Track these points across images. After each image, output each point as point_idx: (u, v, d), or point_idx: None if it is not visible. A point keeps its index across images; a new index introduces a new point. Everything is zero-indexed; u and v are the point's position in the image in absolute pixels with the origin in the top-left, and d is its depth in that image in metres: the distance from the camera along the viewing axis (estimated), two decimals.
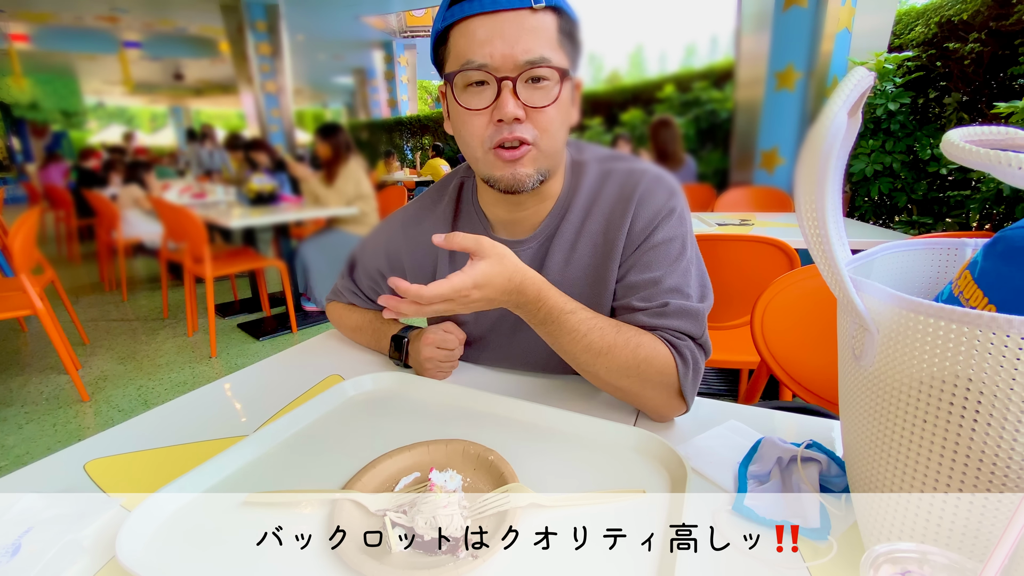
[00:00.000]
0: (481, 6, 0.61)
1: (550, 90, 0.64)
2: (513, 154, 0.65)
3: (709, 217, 2.51)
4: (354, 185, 3.19)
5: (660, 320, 0.68)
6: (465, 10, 0.61)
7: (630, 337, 0.65)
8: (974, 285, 0.42)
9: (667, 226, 0.70)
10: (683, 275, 0.69)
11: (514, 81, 0.62)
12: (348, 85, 8.36)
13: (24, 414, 2.29)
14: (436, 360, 0.79)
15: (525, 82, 0.62)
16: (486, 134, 0.65)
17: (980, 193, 2.52)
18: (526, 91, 0.63)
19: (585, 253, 0.74)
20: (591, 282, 0.74)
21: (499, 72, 0.62)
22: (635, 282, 0.70)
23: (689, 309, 0.68)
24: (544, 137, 0.65)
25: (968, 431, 0.34)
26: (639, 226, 0.70)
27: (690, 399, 0.67)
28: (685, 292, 0.69)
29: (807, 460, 0.54)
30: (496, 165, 0.67)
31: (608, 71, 4.13)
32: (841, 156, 0.39)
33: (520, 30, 0.61)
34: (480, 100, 0.64)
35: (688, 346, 0.67)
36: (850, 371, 0.43)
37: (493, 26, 0.61)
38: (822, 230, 0.37)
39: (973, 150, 0.36)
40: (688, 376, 0.66)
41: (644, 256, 0.70)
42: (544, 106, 0.63)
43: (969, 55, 2.63)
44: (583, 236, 0.74)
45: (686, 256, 0.70)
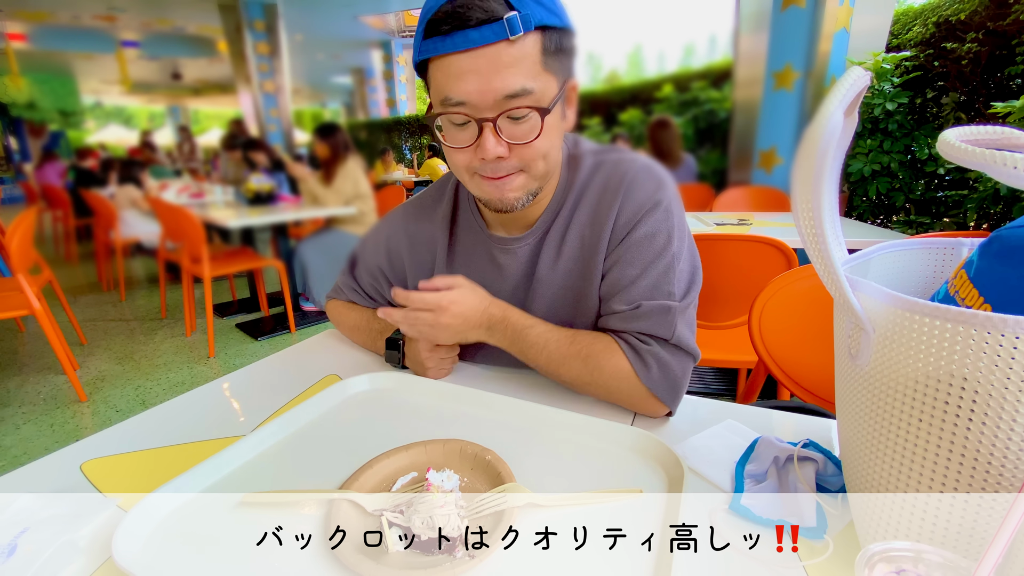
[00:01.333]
0: (453, 45, 0.57)
1: (534, 123, 0.61)
2: (500, 181, 0.65)
3: (707, 217, 2.51)
4: (352, 185, 3.18)
5: (629, 323, 0.69)
6: (438, 48, 0.58)
7: (583, 346, 0.69)
8: (970, 284, 0.42)
9: (651, 220, 0.69)
10: (664, 272, 0.68)
11: (494, 121, 0.60)
12: (347, 85, 8.35)
13: (22, 414, 2.29)
14: (437, 357, 0.79)
15: (508, 118, 0.60)
16: (472, 165, 0.65)
17: (977, 193, 2.52)
18: (508, 126, 0.61)
19: (574, 246, 0.74)
20: (580, 274, 0.74)
21: (478, 112, 0.60)
22: (615, 279, 0.70)
23: (662, 309, 0.67)
24: (533, 164, 0.65)
25: (963, 430, 0.34)
26: (623, 219, 0.70)
27: (666, 398, 0.67)
28: (665, 290, 0.68)
29: (804, 459, 0.54)
30: (484, 188, 0.67)
31: (607, 71, 4.13)
32: (837, 156, 0.39)
33: (496, 65, 0.57)
34: (463, 136, 0.63)
35: (652, 350, 0.67)
36: (846, 370, 0.43)
37: (469, 63, 0.58)
38: (818, 229, 0.37)
39: (969, 150, 0.36)
40: (653, 377, 0.66)
41: (627, 252, 0.69)
42: (527, 142, 0.62)
43: (967, 55, 2.63)
44: (572, 228, 0.73)
45: (670, 251, 0.69)
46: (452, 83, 0.59)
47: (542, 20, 0.58)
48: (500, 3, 0.56)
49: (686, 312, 0.69)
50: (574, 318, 0.76)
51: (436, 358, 0.79)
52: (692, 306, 0.71)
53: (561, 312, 0.76)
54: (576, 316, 0.76)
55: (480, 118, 0.60)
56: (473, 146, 0.63)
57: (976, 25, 2.62)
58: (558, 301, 0.76)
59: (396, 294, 0.74)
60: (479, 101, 0.59)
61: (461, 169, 0.67)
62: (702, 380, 2.24)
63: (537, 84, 0.60)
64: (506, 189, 0.66)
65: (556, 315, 0.76)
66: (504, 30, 0.56)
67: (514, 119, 0.61)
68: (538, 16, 0.58)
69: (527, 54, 0.58)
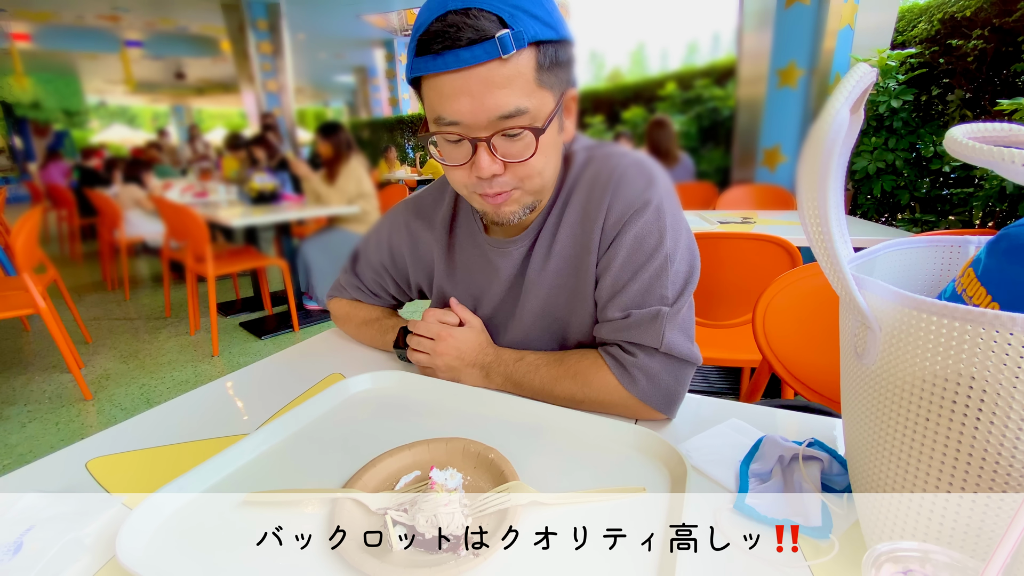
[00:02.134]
0: (445, 64, 0.55)
1: (529, 141, 0.60)
2: (496, 199, 0.65)
3: (710, 215, 2.51)
4: (355, 184, 3.19)
5: (618, 334, 0.69)
6: (430, 67, 0.57)
7: (571, 364, 0.71)
8: (977, 283, 0.41)
9: (641, 221, 0.66)
10: (656, 275, 0.67)
11: (488, 140, 0.59)
12: (349, 83, 8.36)
13: (27, 413, 2.30)
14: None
15: (502, 136, 0.59)
16: (468, 183, 0.65)
17: (983, 191, 2.50)
18: (503, 144, 0.60)
19: (565, 244, 0.72)
20: (573, 273, 0.73)
21: (471, 132, 0.59)
22: (607, 284, 0.69)
23: (650, 316, 0.66)
24: (528, 181, 0.64)
25: (971, 430, 0.34)
26: (612, 218, 0.68)
27: (660, 407, 0.66)
28: (657, 294, 0.67)
29: (809, 459, 0.54)
30: (480, 204, 0.67)
31: (609, 69, 4.12)
32: (843, 153, 0.39)
33: (489, 86, 0.56)
34: (458, 154, 0.62)
35: (638, 362, 0.66)
36: (852, 369, 0.43)
37: (461, 83, 0.56)
38: (824, 227, 0.37)
39: (977, 147, 0.36)
40: (642, 389, 0.66)
41: (618, 255, 0.68)
42: (523, 160, 0.61)
43: (972, 52, 2.62)
44: (563, 227, 0.72)
45: (662, 252, 0.66)
46: (445, 103, 0.58)
47: (536, 36, 0.56)
48: (492, 21, 0.54)
49: (678, 315, 0.67)
50: (569, 317, 0.75)
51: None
52: (687, 307, 0.69)
53: (555, 312, 0.76)
54: (571, 315, 0.75)
55: (474, 137, 0.59)
56: (468, 164, 0.62)
57: (982, 22, 2.60)
58: (551, 300, 0.75)
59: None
60: (472, 121, 0.58)
61: (459, 186, 0.67)
62: (705, 379, 2.23)
63: (532, 102, 0.58)
64: (502, 206, 0.66)
65: (551, 315, 0.76)
66: (496, 49, 0.54)
67: (509, 136, 0.60)
68: (532, 32, 0.56)
69: (520, 72, 0.57)
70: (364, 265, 0.92)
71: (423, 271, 0.86)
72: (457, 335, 0.76)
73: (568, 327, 0.76)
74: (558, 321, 0.76)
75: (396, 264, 0.88)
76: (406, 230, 0.86)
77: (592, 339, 0.75)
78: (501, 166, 0.61)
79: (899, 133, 2.86)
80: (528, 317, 0.77)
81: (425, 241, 0.84)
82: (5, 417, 2.27)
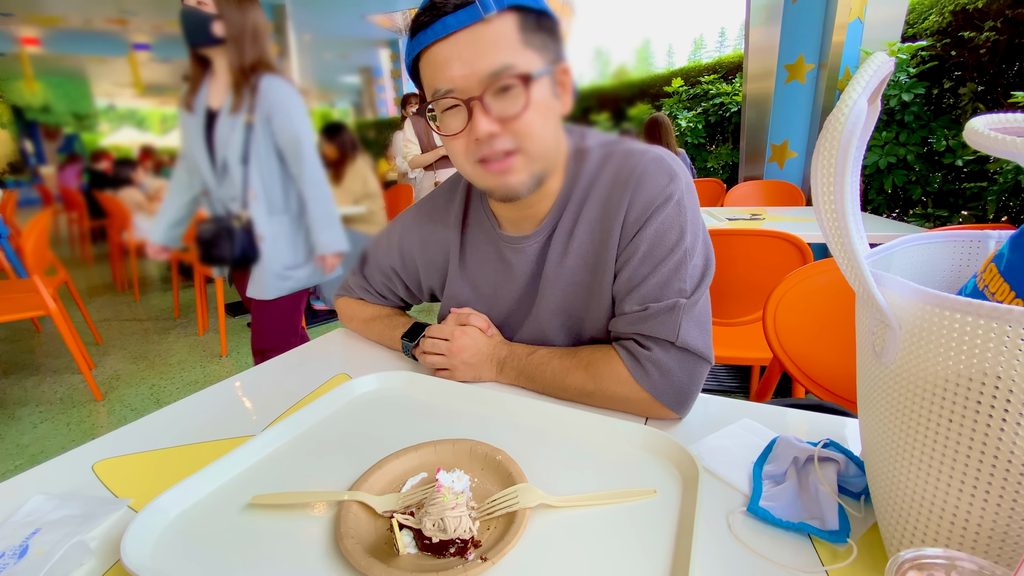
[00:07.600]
0: (434, 33, 0.60)
1: (519, 93, 0.62)
2: (500, 166, 0.65)
3: (719, 212, 2.48)
4: (362, 184, 3.19)
5: (634, 327, 0.69)
6: (421, 41, 0.62)
7: (584, 356, 0.71)
8: (1000, 279, 0.40)
9: (662, 215, 0.67)
10: (676, 268, 0.67)
11: (481, 99, 0.61)
12: (355, 84, 8.38)
13: (39, 413, 2.32)
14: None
15: (495, 94, 0.61)
16: (469, 151, 0.65)
17: (997, 184, 2.46)
18: (497, 102, 0.62)
19: (583, 240, 0.72)
20: (591, 269, 0.73)
21: (464, 94, 0.61)
22: (627, 277, 0.69)
23: (667, 309, 0.66)
24: (527, 141, 0.64)
25: (996, 431, 0.33)
26: (634, 214, 0.68)
27: (672, 404, 0.65)
28: (676, 287, 0.67)
29: (824, 460, 0.52)
30: (486, 177, 0.67)
31: (615, 66, 4.10)
32: (860, 146, 0.38)
33: (476, 46, 0.60)
34: (456, 123, 0.64)
35: (652, 355, 0.66)
36: (870, 369, 0.42)
37: (450, 49, 0.60)
38: (841, 222, 0.36)
39: (1000, 138, 0.34)
40: (654, 383, 0.65)
41: (639, 249, 0.68)
42: (517, 114, 0.62)
43: (984, 44, 2.57)
44: (581, 223, 0.72)
45: (683, 246, 0.67)
46: (438, 73, 0.62)
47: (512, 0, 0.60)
48: None
49: (695, 308, 0.67)
50: (586, 313, 0.75)
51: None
52: (703, 301, 0.69)
53: (572, 308, 0.75)
54: (588, 311, 0.75)
55: (467, 98, 0.61)
56: (466, 130, 0.63)
57: (994, 13, 2.55)
58: (568, 297, 0.75)
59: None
60: (464, 85, 0.61)
61: (462, 159, 0.67)
62: (715, 378, 2.21)
63: (519, 60, 0.61)
64: (508, 175, 0.66)
65: (567, 311, 0.75)
66: (478, 11, 0.59)
67: (501, 93, 0.61)
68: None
69: (505, 33, 0.60)
70: (373, 268, 0.92)
71: (436, 273, 0.86)
72: (471, 332, 0.78)
73: (584, 324, 0.76)
74: (574, 318, 0.76)
75: (407, 267, 0.88)
76: (417, 234, 0.86)
77: (607, 336, 0.74)
78: (497, 124, 0.62)
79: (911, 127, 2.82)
80: (544, 314, 0.77)
81: (438, 241, 0.84)
82: (17, 418, 2.29)
